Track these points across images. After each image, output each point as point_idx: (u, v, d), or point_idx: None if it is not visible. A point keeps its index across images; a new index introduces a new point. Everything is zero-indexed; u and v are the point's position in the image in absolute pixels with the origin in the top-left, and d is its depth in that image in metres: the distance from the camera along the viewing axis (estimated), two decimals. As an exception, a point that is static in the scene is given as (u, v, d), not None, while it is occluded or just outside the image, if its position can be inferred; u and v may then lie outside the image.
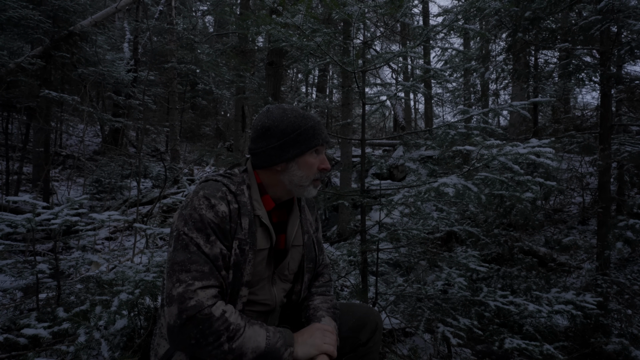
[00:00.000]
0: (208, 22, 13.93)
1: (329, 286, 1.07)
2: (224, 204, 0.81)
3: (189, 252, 0.75)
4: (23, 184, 6.31)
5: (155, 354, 0.83)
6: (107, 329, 1.50)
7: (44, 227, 1.77)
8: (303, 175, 0.89)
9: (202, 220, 0.78)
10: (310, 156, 0.90)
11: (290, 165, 0.89)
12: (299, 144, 0.88)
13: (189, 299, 0.71)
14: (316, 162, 0.90)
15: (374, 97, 2.17)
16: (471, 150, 1.62)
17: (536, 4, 2.65)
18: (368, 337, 0.98)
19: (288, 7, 1.73)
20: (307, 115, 0.91)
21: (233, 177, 0.89)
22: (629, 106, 3.84)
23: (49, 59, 4.89)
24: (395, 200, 1.65)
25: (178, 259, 0.75)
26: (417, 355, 1.85)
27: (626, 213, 3.30)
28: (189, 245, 0.76)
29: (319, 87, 11.27)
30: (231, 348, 0.71)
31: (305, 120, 0.89)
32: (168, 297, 0.72)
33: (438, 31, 2.09)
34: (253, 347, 0.74)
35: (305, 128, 0.88)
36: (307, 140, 0.88)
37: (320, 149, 0.92)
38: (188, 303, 0.70)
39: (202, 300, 0.71)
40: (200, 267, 0.74)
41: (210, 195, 0.81)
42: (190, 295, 0.71)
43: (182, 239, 0.77)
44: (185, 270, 0.73)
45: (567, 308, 1.74)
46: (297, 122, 0.88)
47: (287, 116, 0.89)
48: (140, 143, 4.97)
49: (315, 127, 0.90)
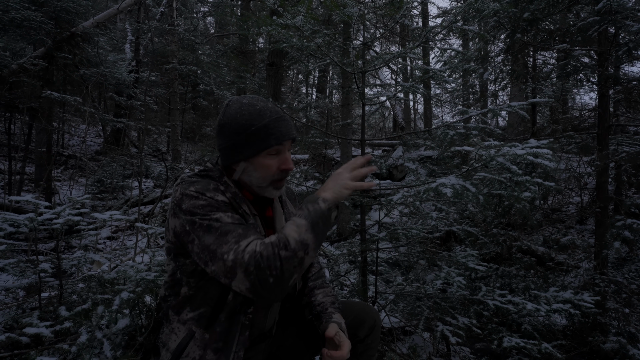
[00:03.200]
0: (209, 23, 13.97)
1: (323, 275, 1.08)
2: (219, 194, 0.80)
3: (216, 229, 0.74)
4: (25, 184, 6.33)
5: (166, 348, 0.83)
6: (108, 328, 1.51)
7: (46, 226, 1.79)
8: (259, 177, 0.84)
9: (211, 204, 0.77)
10: (266, 157, 0.83)
11: (246, 165, 0.84)
12: (251, 144, 0.82)
13: (242, 257, 0.71)
14: (274, 162, 0.84)
15: (374, 98, 2.19)
16: (470, 151, 1.63)
17: (535, 5, 2.66)
18: (366, 334, 0.99)
19: (288, 9, 1.75)
20: (264, 110, 0.83)
21: (211, 173, 0.86)
22: (626, 107, 3.85)
23: (51, 60, 4.92)
24: (394, 200, 1.67)
25: (209, 241, 0.73)
26: (416, 354, 1.86)
27: (624, 213, 3.31)
28: (212, 224, 0.75)
29: (319, 87, 11.29)
30: (293, 249, 0.71)
31: (260, 118, 0.82)
32: (228, 271, 0.71)
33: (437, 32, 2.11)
34: (301, 230, 0.73)
35: (258, 127, 0.81)
36: (259, 141, 0.81)
37: (280, 149, 0.84)
38: (245, 259, 0.70)
39: (251, 250, 0.72)
40: (235, 233, 0.74)
41: (203, 189, 0.79)
42: (241, 254, 0.71)
43: (199, 226, 0.75)
44: (224, 243, 0.73)
45: (565, 307, 1.75)
46: (250, 120, 0.81)
47: (242, 113, 0.82)
48: (142, 143, 4.99)
49: (269, 126, 0.82)
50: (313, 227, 0.74)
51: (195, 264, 0.81)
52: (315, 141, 2.42)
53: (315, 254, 0.76)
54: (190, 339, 0.81)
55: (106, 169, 6.70)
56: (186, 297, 0.83)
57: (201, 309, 0.82)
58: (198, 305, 0.83)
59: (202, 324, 0.82)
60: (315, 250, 0.75)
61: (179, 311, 0.84)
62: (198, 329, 0.82)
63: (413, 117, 11.67)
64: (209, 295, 0.82)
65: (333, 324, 0.91)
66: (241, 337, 0.83)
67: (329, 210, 0.78)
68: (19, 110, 5.20)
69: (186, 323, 0.82)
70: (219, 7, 9.35)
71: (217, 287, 0.82)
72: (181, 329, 0.82)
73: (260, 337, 0.91)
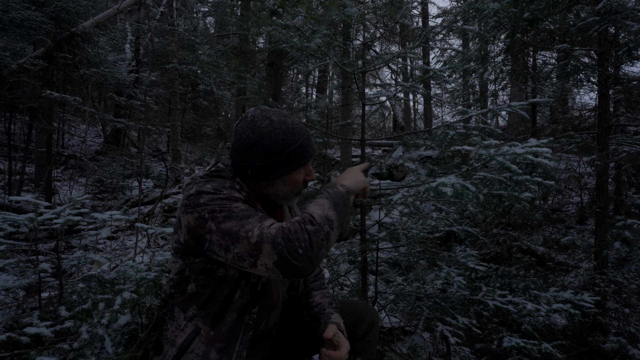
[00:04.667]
0: (209, 23, 13.96)
1: (322, 277, 1.09)
2: (236, 192, 0.80)
3: (236, 215, 0.73)
4: (25, 184, 6.33)
5: (172, 344, 0.83)
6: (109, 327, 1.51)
7: (46, 226, 1.79)
8: (288, 191, 0.87)
9: (230, 197, 0.77)
10: (298, 174, 0.86)
11: (276, 182, 0.85)
12: (287, 163, 0.83)
13: (269, 232, 0.70)
14: (302, 176, 0.87)
15: (374, 98, 2.18)
16: (470, 150, 1.63)
17: (535, 5, 2.66)
18: (365, 332, 0.99)
19: (288, 9, 1.75)
20: (297, 129, 0.84)
21: (223, 174, 0.86)
22: (626, 107, 3.85)
23: (51, 60, 4.92)
24: (394, 200, 1.67)
25: (230, 225, 0.72)
26: (416, 354, 1.86)
27: (624, 213, 3.31)
28: (233, 210, 0.74)
29: (319, 87, 11.29)
30: (319, 223, 0.72)
31: (295, 138, 0.83)
32: (253, 248, 0.69)
33: (437, 32, 2.11)
34: (324, 207, 0.76)
35: (295, 147, 0.83)
36: (295, 160, 0.83)
37: (308, 164, 0.88)
38: (271, 233, 0.70)
39: (278, 225, 0.72)
40: (255, 217, 0.74)
41: (219, 187, 0.79)
42: (268, 229, 0.71)
43: (220, 211, 0.74)
44: (247, 223, 0.72)
45: (565, 307, 1.74)
46: (286, 140, 0.82)
47: (276, 132, 0.81)
48: (142, 143, 5.00)
49: (305, 145, 0.84)
50: (335, 205, 0.78)
51: (206, 261, 0.80)
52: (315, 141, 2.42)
53: (339, 232, 0.77)
54: (196, 335, 0.82)
55: (106, 169, 6.70)
56: (193, 294, 0.83)
57: (208, 306, 0.83)
58: (205, 303, 0.83)
59: (209, 321, 0.82)
60: (339, 228, 0.77)
61: (185, 308, 0.84)
62: (204, 325, 0.82)
63: (413, 117, 11.67)
64: (217, 293, 0.82)
65: (331, 324, 0.91)
66: (244, 337, 0.84)
67: (348, 194, 0.83)
68: (19, 110, 5.20)
69: (193, 319, 0.83)
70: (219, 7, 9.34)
71: (225, 285, 0.82)
72: (188, 325, 0.83)
73: (261, 336, 0.92)
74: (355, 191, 0.86)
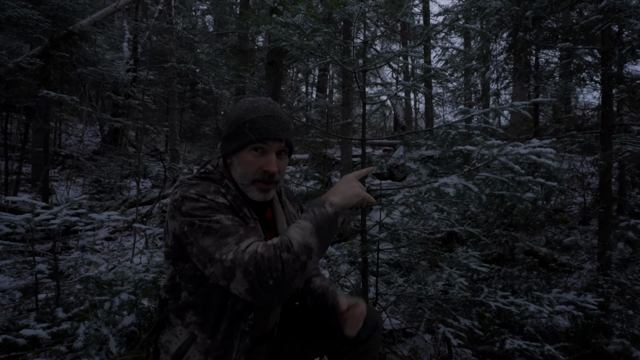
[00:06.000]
0: (208, 22, 13.92)
1: (317, 266, 1.12)
2: (220, 197, 0.78)
3: (216, 231, 0.72)
4: (22, 184, 6.30)
5: (166, 351, 0.82)
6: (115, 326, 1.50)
7: (43, 227, 1.76)
8: (241, 173, 0.83)
9: (211, 206, 0.75)
10: (249, 153, 0.82)
11: (234, 159, 0.85)
12: (237, 137, 0.82)
13: (242, 257, 0.68)
14: (256, 160, 0.82)
15: (375, 97, 2.16)
16: (472, 150, 1.61)
17: (537, 4, 2.64)
18: (368, 335, 0.98)
19: (288, 7, 1.72)
20: (259, 107, 0.83)
21: (211, 175, 0.85)
22: (630, 106, 3.83)
23: (48, 59, 4.88)
24: (395, 200, 1.65)
25: (208, 243, 0.72)
26: (417, 356, 1.84)
27: (627, 213, 3.30)
28: (212, 226, 0.73)
29: (319, 86, 11.26)
30: (295, 252, 0.69)
31: (251, 113, 0.82)
32: (226, 272, 0.69)
33: (439, 30, 2.08)
34: (305, 233, 0.71)
35: (244, 122, 0.81)
36: (242, 135, 0.81)
37: (263, 147, 0.82)
38: (244, 260, 0.68)
39: (252, 250, 0.69)
40: (235, 234, 0.72)
41: (203, 192, 0.77)
42: (242, 254, 0.69)
43: (199, 228, 0.73)
44: (223, 245, 0.71)
45: (568, 308, 1.73)
46: (242, 114, 0.82)
47: (240, 107, 0.84)
48: (140, 143, 4.97)
49: (256, 121, 0.81)
50: (318, 230, 0.72)
51: (195, 268, 0.79)
52: (315, 141, 2.40)
53: (319, 258, 0.73)
54: (192, 342, 0.80)
55: (104, 169, 6.67)
56: (187, 302, 0.82)
57: (203, 314, 0.81)
58: (199, 310, 0.82)
59: (205, 329, 0.81)
60: (320, 255, 0.73)
61: (180, 314, 0.83)
62: (200, 333, 0.80)
63: (414, 117, 11.66)
64: (210, 300, 0.80)
65: (342, 297, 0.93)
66: (241, 345, 0.82)
67: (336, 215, 0.75)
68: (15, 110, 5.17)
69: (189, 326, 0.81)
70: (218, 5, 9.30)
71: (217, 293, 0.80)
72: (183, 332, 0.81)
73: (262, 338, 0.91)
74: (348, 206, 0.79)
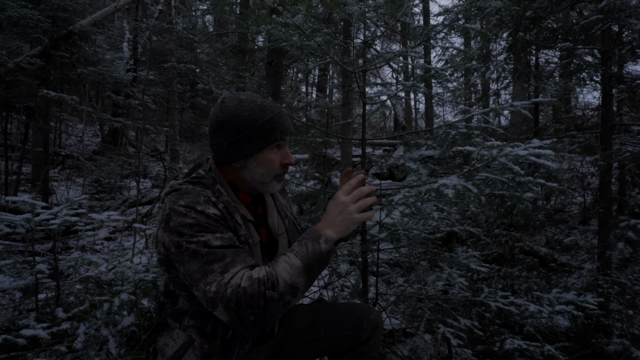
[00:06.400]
0: (208, 22, 13.91)
1: None
2: (211, 206, 0.77)
3: (202, 256, 0.71)
4: (22, 184, 6.30)
5: (162, 354, 0.82)
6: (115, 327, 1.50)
7: (43, 227, 1.76)
8: (264, 173, 0.83)
9: (199, 223, 0.73)
10: (270, 152, 0.82)
11: (249, 162, 0.83)
12: (255, 140, 0.80)
13: (225, 291, 0.68)
14: (277, 157, 0.83)
15: (375, 97, 2.16)
16: (472, 151, 1.61)
17: (537, 4, 2.63)
18: (369, 336, 0.98)
19: (288, 7, 1.72)
20: (265, 106, 0.83)
21: (203, 180, 0.83)
22: (630, 106, 3.83)
23: (48, 59, 4.88)
24: (395, 200, 1.64)
25: (193, 268, 0.71)
26: (417, 356, 1.84)
27: (627, 213, 3.30)
28: (198, 250, 0.72)
29: (319, 86, 11.25)
30: (280, 292, 0.68)
31: (262, 113, 0.81)
32: (209, 302, 0.69)
33: (439, 30, 2.08)
34: (294, 272, 0.70)
35: (262, 122, 0.80)
36: (263, 136, 0.80)
37: (281, 143, 0.84)
38: (226, 294, 0.68)
39: (235, 284, 0.69)
40: (221, 262, 0.71)
41: (193, 202, 0.75)
42: (225, 288, 0.69)
43: (185, 250, 0.72)
44: (209, 272, 0.70)
45: (568, 308, 1.72)
46: (253, 115, 0.80)
47: (243, 108, 0.81)
48: (140, 143, 4.97)
49: (273, 120, 0.81)
50: (308, 270, 0.71)
51: None
52: (315, 141, 2.40)
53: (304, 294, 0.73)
54: (189, 347, 0.79)
55: (104, 169, 6.67)
56: (183, 308, 0.82)
57: (201, 319, 0.81)
58: (197, 316, 0.81)
59: (203, 333, 0.80)
60: (305, 291, 0.73)
61: (177, 319, 0.83)
62: (198, 337, 0.80)
63: (414, 117, 11.65)
64: (206, 309, 0.79)
65: None
66: (241, 351, 0.83)
67: (329, 253, 0.73)
68: (15, 110, 5.17)
69: (186, 330, 0.81)
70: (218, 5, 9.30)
71: None
72: (180, 335, 0.81)
73: (262, 337, 0.90)
74: (344, 235, 0.77)
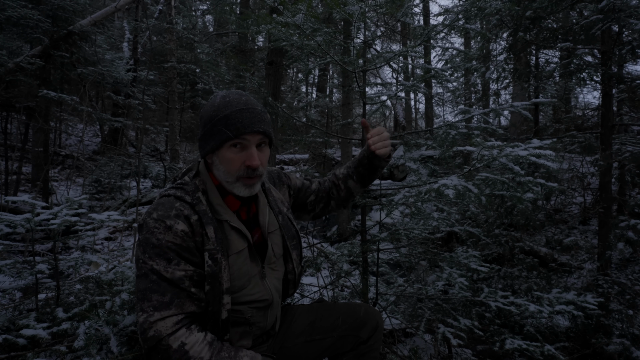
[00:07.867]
0: (208, 22, 13.91)
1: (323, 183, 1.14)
2: (180, 222, 0.76)
3: (150, 281, 0.73)
4: (22, 184, 6.30)
5: None
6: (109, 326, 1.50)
7: (43, 227, 1.76)
8: (225, 171, 0.81)
9: (160, 246, 0.74)
10: (228, 150, 0.79)
11: (214, 159, 0.82)
12: (214, 136, 0.79)
13: (148, 329, 0.70)
14: (238, 157, 0.79)
15: (375, 97, 2.15)
16: (472, 151, 1.61)
17: (537, 4, 2.64)
18: (369, 335, 0.98)
19: (289, 6, 1.72)
20: (232, 102, 0.79)
21: (185, 187, 0.82)
22: (630, 106, 3.84)
23: (48, 59, 4.88)
24: (395, 201, 1.65)
25: (140, 287, 0.73)
26: (417, 356, 1.84)
27: (627, 213, 3.30)
28: (149, 274, 0.73)
29: (319, 86, 11.25)
30: None
31: (224, 109, 0.78)
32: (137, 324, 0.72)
33: (439, 31, 2.08)
34: None
35: (219, 118, 0.78)
36: (219, 133, 0.78)
37: (244, 143, 0.79)
38: (147, 334, 0.70)
39: (160, 330, 0.70)
40: (160, 296, 0.72)
41: (163, 216, 0.75)
42: (149, 326, 0.70)
43: (141, 267, 0.74)
44: (147, 299, 0.72)
45: (568, 308, 1.72)
46: (215, 111, 0.79)
47: (213, 104, 0.80)
48: (140, 143, 4.97)
49: (230, 117, 0.77)
50: None
51: None
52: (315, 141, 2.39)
53: None
54: None
55: (104, 169, 6.67)
56: None
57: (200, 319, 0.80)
58: None
59: None
60: None
61: None
62: None
63: (414, 117, 11.66)
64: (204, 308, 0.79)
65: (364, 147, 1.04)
66: None
67: None
68: (15, 110, 5.17)
69: None
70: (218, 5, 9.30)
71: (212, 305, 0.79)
72: None
73: (263, 336, 0.90)
74: None
